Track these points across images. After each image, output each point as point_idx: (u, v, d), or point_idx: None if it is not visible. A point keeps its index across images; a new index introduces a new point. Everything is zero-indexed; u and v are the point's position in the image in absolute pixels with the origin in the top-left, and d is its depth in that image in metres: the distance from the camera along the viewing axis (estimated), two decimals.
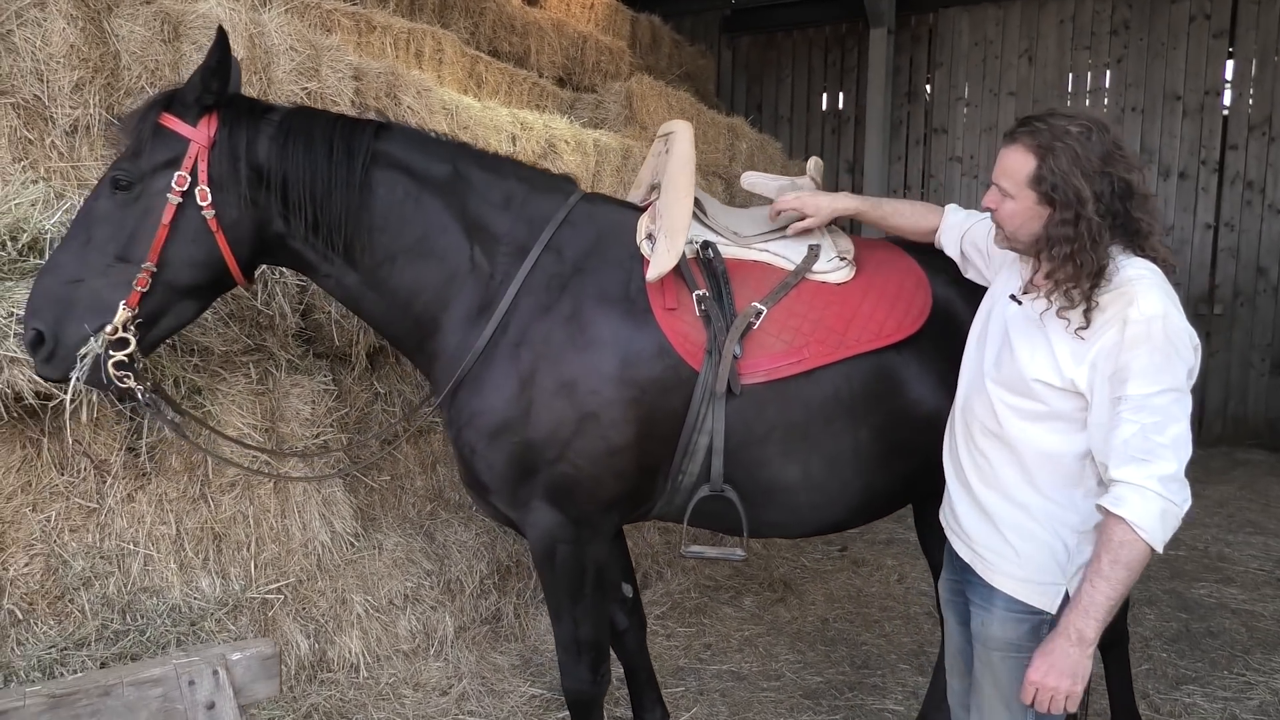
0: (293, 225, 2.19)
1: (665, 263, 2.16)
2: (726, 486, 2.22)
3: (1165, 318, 1.62)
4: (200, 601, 2.78)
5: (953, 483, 2.00)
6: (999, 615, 1.84)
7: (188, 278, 2.12)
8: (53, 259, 2.09)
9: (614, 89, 5.83)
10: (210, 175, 2.09)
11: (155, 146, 2.08)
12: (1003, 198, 1.77)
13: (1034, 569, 1.80)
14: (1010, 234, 1.80)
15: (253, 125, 2.15)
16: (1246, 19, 8.04)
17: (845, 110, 9.95)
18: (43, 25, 2.72)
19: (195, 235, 2.10)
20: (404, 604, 3.36)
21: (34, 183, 2.51)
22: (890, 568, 4.78)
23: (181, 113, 2.10)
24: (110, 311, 2.02)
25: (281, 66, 3.22)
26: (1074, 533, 1.78)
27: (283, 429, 3.04)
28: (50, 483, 2.55)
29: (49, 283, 2.03)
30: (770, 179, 2.67)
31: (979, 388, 1.89)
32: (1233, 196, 8.21)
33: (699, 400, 2.18)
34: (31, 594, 2.50)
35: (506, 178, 2.35)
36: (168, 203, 2.06)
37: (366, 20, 4.47)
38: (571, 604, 2.31)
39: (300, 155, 2.14)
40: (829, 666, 3.60)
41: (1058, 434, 1.75)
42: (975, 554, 1.90)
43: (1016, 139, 1.74)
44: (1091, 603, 1.62)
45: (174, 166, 2.07)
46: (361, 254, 2.23)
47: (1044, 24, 8.83)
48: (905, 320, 2.28)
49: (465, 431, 2.24)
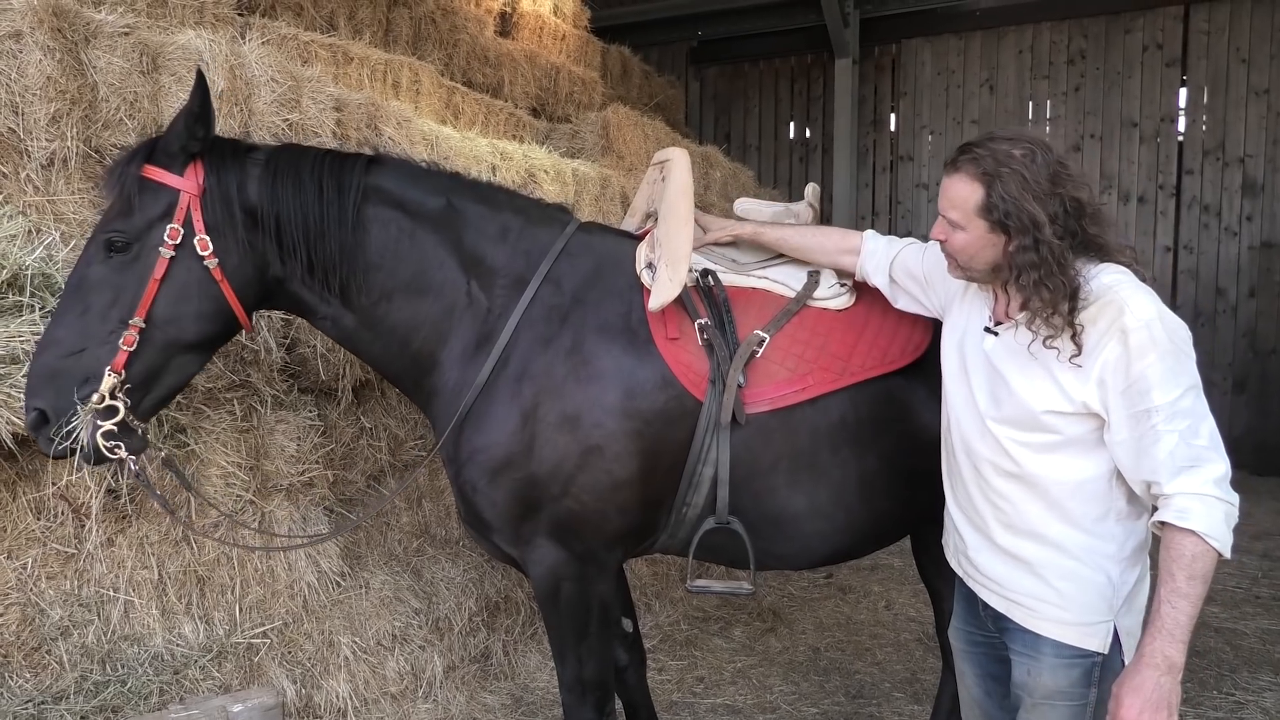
0: (289, 267, 2.13)
1: (668, 292, 2.12)
2: (732, 518, 2.19)
3: (1161, 318, 1.59)
4: (184, 649, 2.67)
5: (966, 530, 1.89)
6: (1048, 663, 1.73)
7: (195, 332, 2.05)
8: (48, 333, 1.99)
9: (590, 119, 5.85)
10: (206, 223, 2.02)
11: (145, 201, 2.00)
12: (952, 229, 1.72)
13: (1081, 610, 1.71)
14: (964, 265, 1.75)
15: (239, 167, 2.08)
16: (1197, 48, 8.32)
17: (812, 139, 10.10)
18: (18, 57, 2.66)
19: (199, 287, 2.03)
20: (392, 644, 3.27)
21: (11, 218, 2.43)
22: (877, 594, 4.77)
23: (166, 163, 2.02)
24: (98, 380, 1.94)
25: (263, 98, 3.17)
26: (1115, 562, 1.71)
27: (267, 466, 2.96)
28: (26, 528, 2.45)
29: (47, 359, 1.95)
30: (765, 205, 2.66)
31: (978, 430, 1.80)
32: (1190, 220, 8.44)
33: (703, 431, 2.14)
34: (7, 646, 2.39)
35: (501, 210, 2.31)
36: (160, 257, 1.99)
37: (344, 51, 4.44)
38: (576, 643, 2.25)
39: (290, 195, 2.08)
40: (824, 697, 3.57)
41: (1079, 459, 1.68)
42: (1011, 602, 1.79)
43: (959, 167, 1.69)
44: (1176, 625, 1.54)
45: (166, 219, 2.00)
46: (358, 294, 2.18)
47: (1003, 54, 9.07)
48: (909, 345, 2.27)
49: (467, 469, 2.19)
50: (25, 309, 2.31)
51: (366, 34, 5.21)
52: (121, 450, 1.96)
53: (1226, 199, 8.30)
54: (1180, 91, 8.44)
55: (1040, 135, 1.70)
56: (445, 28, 5.93)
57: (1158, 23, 8.42)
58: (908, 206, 9.55)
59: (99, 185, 2.06)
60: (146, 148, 2.05)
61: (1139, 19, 8.48)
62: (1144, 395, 1.57)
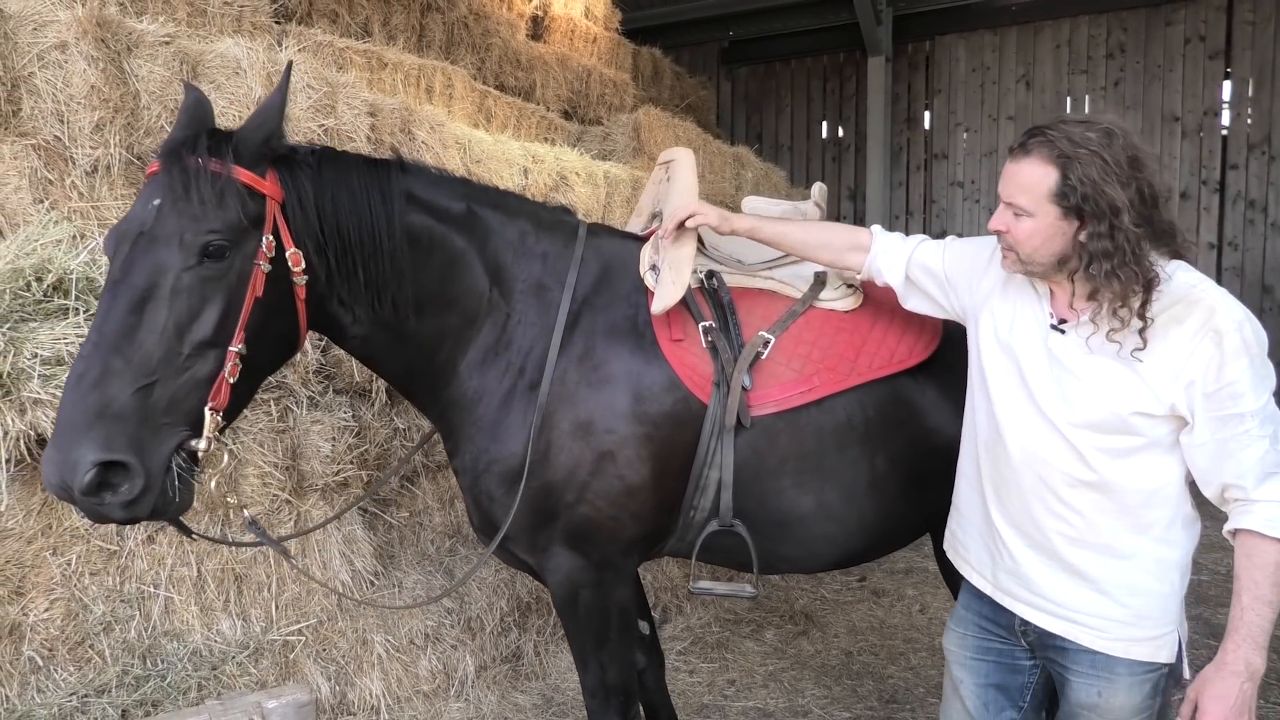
0: (336, 285, 1.93)
1: (671, 295, 2.08)
2: (736, 521, 2.15)
3: (1249, 319, 1.54)
4: (221, 645, 2.73)
5: (1017, 546, 1.77)
6: (1124, 683, 1.67)
7: (272, 358, 1.87)
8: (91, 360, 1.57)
9: (621, 120, 5.87)
10: (293, 234, 1.81)
11: (239, 205, 1.71)
12: (1017, 217, 1.62)
13: (1152, 624, 1.65)
14: (1027, 256, 1.64)
15: (305, 173, 1.87)
16: (1242, 40, 8.12)
17: (845, 138, 10.03)
18: (64, 67, 2.74)
19: (282, 306, 1.81)
20: (424, 643, 3.30)
21: (57, 223, 2.50)
22: (911, 598, 4.72)
23: (251, 164, 1.76)
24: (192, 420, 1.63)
25: (299, 104, 3.23)
26: (1178, 570, 1.66)
27: (303, 466, 3.01)
28: (71, 526, 2.51)
29: (104, 394, 1.54)
30: (773, 204, 2.63)
31: (1046, 436, 1.68)
32: (1235, 216, 8.24)
33: (708, 434, 2.11)
34: (52, 640, 2.45)
35: (516, 215, 2.25)
36: (257, 269, 1.73)
37: (378, 57, 4.50)
38: (597, 649, 2.23)
39: (345, 203, 1.90)
40: (856, 701, 3.54)
41: (1156, 464, 1.61)
42: (1073, 623, 1.70)
43: (1030, 151, 1.60)
44: (1261, 631, 1.51)
45: (259, 229, 1.75)
46: (393, 307, 2.03)
47: (1040, 49, 8.92)
48: (918, 345, 2.23)
49: (483, 478, 2.15)
50: (70, 312, 2.38)
51: (400, 39, 5.28)
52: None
53: (1274, 194, 8.09)
54: (1224, 84, 8.24)
55: (1115, 117, 1.61)
56: (478, 32, 5.99)
57: (1200, 14, 8.23)
58: (942, 205, 9.44)
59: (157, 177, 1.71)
60: (223, 142, 1.75)
61: (1180, 10, 8.30)
62: (1236, 399, 1.51)
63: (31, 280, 2.32)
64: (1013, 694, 1.87)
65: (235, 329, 1.68)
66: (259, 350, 1.76)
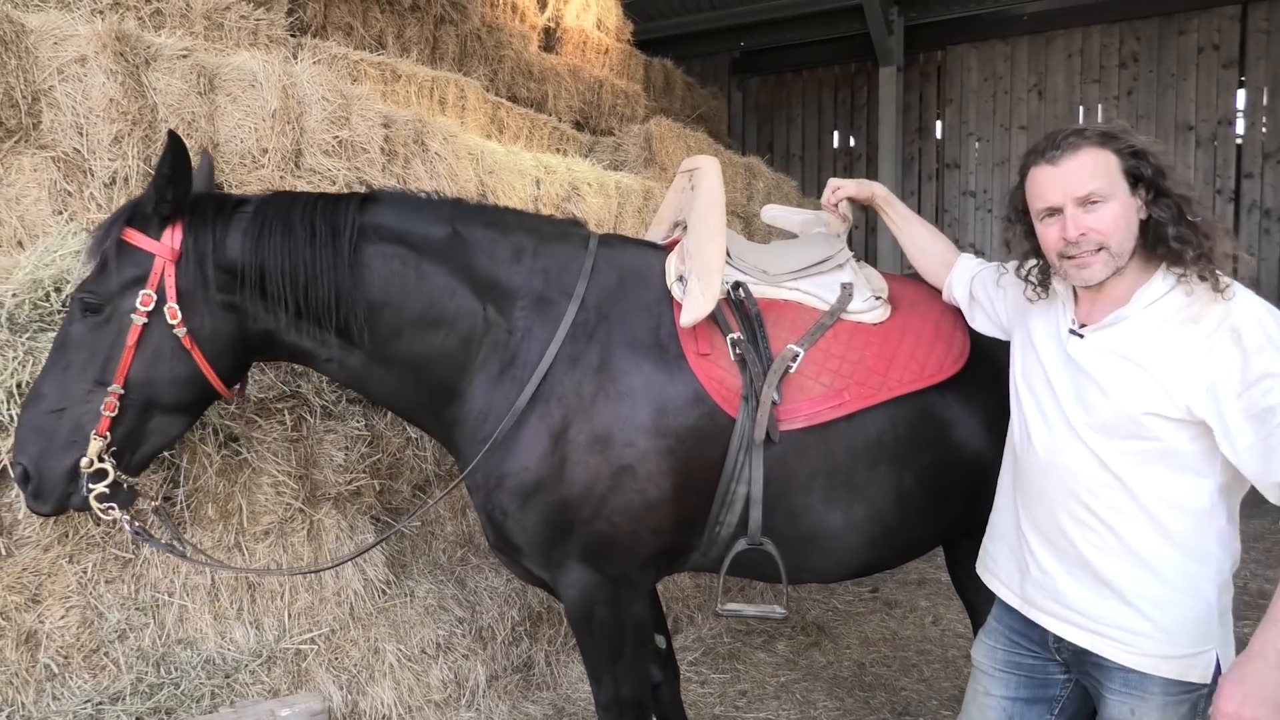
0: (277, 318, 2.09)
1: (701, 306, 2.06)
2: (765, 539, 2.13)
3: (1270, 312, 1.52)
4: (234, 653, 2.73)
5: (1046, 558, 1.75)
6: (1158, 702, 1.63)
7: (172, 396, 2.05)
8: (35, 388, 2.00)
9: (633, 131, 5.88)
10: (179, 289, 1.99)
11: (121, 264, 1.98)
12: (1095, 206, 1.60)
13: (1185, 642, 1.61)
14: (1119, 245, 1.60)
15: (221, 224, 2.03)
16: (1256, 49, 8.09)
17: (857, 148, 10.04)
18: (83, 80, 2.77)
19: (171, 354, 2.01)
20: (436, 653, 3.30)
21: (75, 234, 2.53)
22: (924, 609, 4.69)
23: (144, 226, 1.99)
24: (84, 443, 1.96)
25: (314, 116, 3.26)
26: (1213, 585, 1.62)
27: (316, 475, 3.02)
28: (87, 533, 2.53)
29: (32, 414, 1.97)
30: (793, 212, 2.63)
31: (1070, 443, 1.68)
32: (1250, 225, 8.20)
33: (736, 449, 2.07)
34: (68, 647, 2.47)
35: (512, 231, 2.24)
36: (133, 323, 1.97)
37: (392, 69, 4.54)
38: (611, 664, 2.21)
39: (278, 243, 2.04)
40: (869, 714, 3.52)
41: (1182, 473, 1.58)
42: (1097, 635, 1.68)
43: (1078, 146, 1.61)
44: None
45: (140, 284, 1.97)
46: (360, 333, 2.12)
47: (1052, 58, 8.92)
48: (946, 360, 2.21)
49: (496, 494, 2.14)
50: None
51: (414, 52, 5.32)
52: (115, 511, 2.00)
53: None
54: (1238, 93, 8.21)
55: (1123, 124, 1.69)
56: (490, 44, 6.03)
57: (1214, 23, 8.22)
58: (954, 214, 9.43)
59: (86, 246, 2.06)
60: (129, 210, 2.02)
61: (1194, 19, 8.29)
62: (1268, 393, 1.46)
63: (50, 291, 2.35)
64: (1041, 707, 1.85)
65: (114, 372, 1.97)
66: (150, 391, 2.01)
